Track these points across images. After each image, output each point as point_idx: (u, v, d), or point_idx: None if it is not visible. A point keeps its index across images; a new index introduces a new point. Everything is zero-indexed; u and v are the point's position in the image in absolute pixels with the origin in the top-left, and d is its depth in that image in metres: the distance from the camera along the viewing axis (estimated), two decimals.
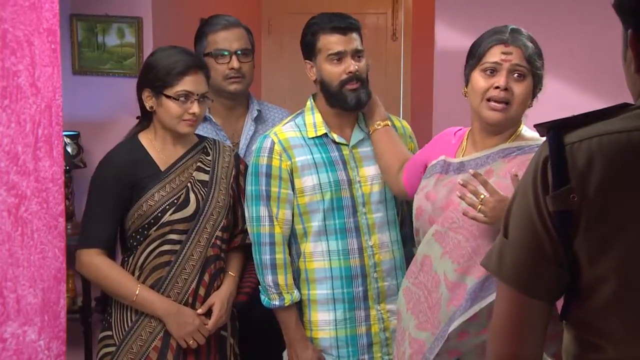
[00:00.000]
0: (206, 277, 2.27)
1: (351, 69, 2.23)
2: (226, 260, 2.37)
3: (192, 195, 2.26)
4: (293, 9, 5.11)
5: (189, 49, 2.34)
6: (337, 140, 2.32)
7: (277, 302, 2.28)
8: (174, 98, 2.19)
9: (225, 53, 2.59)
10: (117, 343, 2.22)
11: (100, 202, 2.23)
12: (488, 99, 1.95)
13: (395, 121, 2.45)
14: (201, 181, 2.30)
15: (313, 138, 2.32)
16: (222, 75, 2.59)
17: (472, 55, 2.00)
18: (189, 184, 2.27)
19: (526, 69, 1.94)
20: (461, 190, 1.87)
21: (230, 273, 2.36)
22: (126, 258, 2.27)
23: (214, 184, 2.31)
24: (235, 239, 2.41)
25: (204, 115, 2.30)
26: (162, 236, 2.23)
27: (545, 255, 1.18)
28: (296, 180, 2.28)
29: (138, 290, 2.19)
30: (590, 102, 3.07)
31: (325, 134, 2.32)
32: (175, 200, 2.23)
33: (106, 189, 2.23)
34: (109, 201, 2.22)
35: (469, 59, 2.01)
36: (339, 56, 2.24)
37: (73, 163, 3.13)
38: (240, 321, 2.43)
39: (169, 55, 2.23)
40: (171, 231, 2.23)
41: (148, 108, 2.25)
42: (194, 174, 2.29)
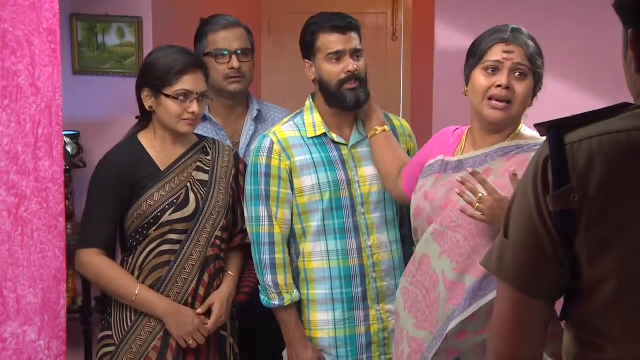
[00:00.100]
0: (206, 277, 2.27)
1: (350, 68, 2.23)
2: (226, 260, 2.37)
3: (192, 195, 2.26)
4: (293, 8, 5.11)
5: (188, 48, 2.34)
6: (337, 140, 2.32)
7: (277, 302, 2.28)
8: (173, 97, 2.19)
9: (225, 53, 2.59)
10: (117, 343, 2.22)
11: (99, 202, 2.23)
12: (489, 98, 1.94)
13: (394, 120, 2.45)
14: (201, 181, 2.30)
15: (312, 138, 2.31)
16: (222, 75, 2.59)
17: (473, 54, 1.99)
18: (189, 184, 2.27)
19: (527, 68, 1.94)
20: (460, 187, 1.86)
21: (230, 273, 2.36)
22: (126, 258, 2.27)
23: (213, 184, 2.31)
24: (234, 239, 2.41)
25: (203, 114, 2.30)
26: (162, 236, 2.23)
27: (546, 255, 1.18)
28: (295, 180, 2.28)
29: (138, 290, 2.19)
30: (590, 102, 3.07)
31: (325, 134, 2.32)
32: (175, 200, 2.23)
33: (106, 188, 2.23)
34: (108, 201, 2.22)
35: (470, 57, 2.01)
36: (338, 55, 2.24)
37: (73, 163, 3.13)
38: (239, 321, 2.43)
39: (168, 55, 2.23)
40: (171, 231, 2.23)
41: (147, 108, 2.25)
42: (193, 174, 2.29)
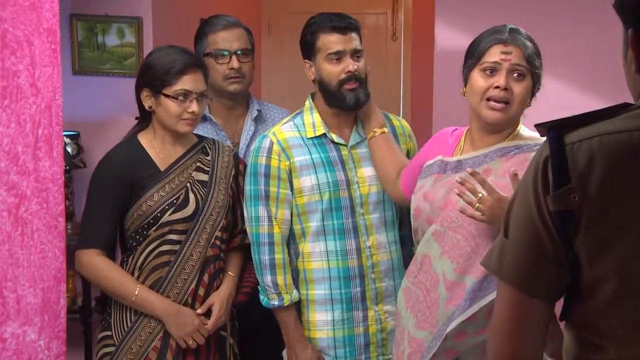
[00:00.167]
0: (205, 277, 2.27)
1: (350, 69, 2.23)
2: (225, 260, 2.37)
3: (192, 196, 2.26)
4: (293, 8, 5.12)
5: (187, 48, 2.34)
6: (336, 140, 2.32)
7: (276, 302, 2.28)
8: (173, 97, 2.19)
9: (225, 53, 2.59)
10: (117, 343, 2.22)
11: (99, 203, 2.23)
12: (488, 99, 1.94)
13: (394, 120, 2.45)
14: (200, 181, 2.30)
15: (312, 138, 2.31)
16: (222, 75, 2.58)
17: (471, 54, 1.99)
18: (189, 184, 2.27)
19: (526, 69, 1.94)
20: (459, 188, 1.86)
21: (230, 273, 2.36)
22: (125, 258, 2.27)
23: (213, 184, 2.31)
24: (234, 239, 2.41)
25: (202, 114, 2.30)
26: (162, 236, 2.22)
27: (546, 255, 1.18)
28: (295, 181, 2.28)
29: (137, 291, 2.19)
30: (590, 102, 3.07)
31: (324, 134, 2.32)
32: (175, 201, 2.23)
33: (105, 189, 2.23)
34: (108, 201, 2.22)
35: (468, 58, 2.01)
36: (338, 55, 2.24)
37: (73, 163, 3.13)
38: (239, 321, 2.42)
39: (167, 55, 2.23)
40: (170, 231, 2.23)
41: (147, 108, 2.25)
42: (193, 174, 2.29)
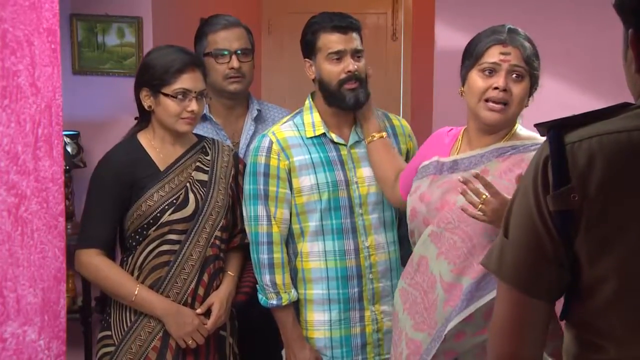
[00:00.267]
0: (205, 277, 2.27)
1: (350, 68, 2.23)
2: (225, 260, 2.37)
3: (191, 195, 2.26)
4: (293, 8, 5.11)
5: (186, 48, 2.34)
6: (336, 140, 2.32)
7: (275, 302, 2.28)
8: (172, 96, 2.19)
9: (225, 53, 2.59)
10: (116, 343, 2.22)
11: (99, 202, 2.23)
12: (486, 100, 1.94)
13: (394, 120, 2.45)
14: (200, 181, 2.30)
15: (311, 138, 2.31)
16: (222, 75, 2.58)
17: (469, 55, 1.98)
18: (188, 184, 2.27)
19: (524, 70, 1.93)
20: (461, 187, 1.85)
21: (230, 273, 2.36)
22: (125, 258, 2.27)
23: (213, 184, 2.31)
24: (234, 239, 2.41)
25: (202, 113, 2.30)
26: (161, 236, 2.22)
27: (546, 255, 1.18)
28: (294, 180, 2.28)
29: (137, 291, 2.19)
30: (589, 102, 3.07)
31: (324, 134, 2.32)
32: (175, 200, 2.23)
33: (105, 189, 2.23)
34: (108, 201, 2.22)
35: (466, 59, 2.00)
36: (338, 55, 2.24)
37: (73, 163, 3.13)
38: (239, 321, 2.43)
39: (166, 54, 2.23)
40: (170, 231, 2.23)
41: (146, 107, 2.25)
42: (193, 174, 2.29)
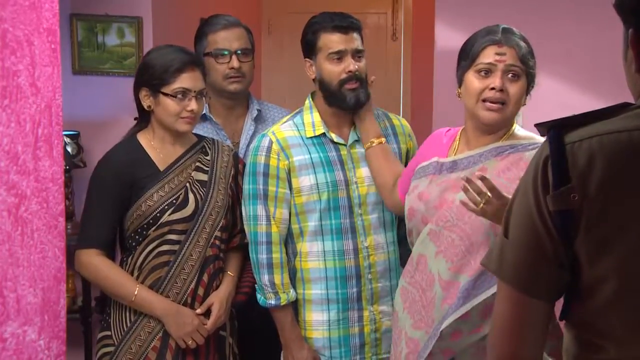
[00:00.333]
0: (205, 277, 2.27)
1: (351, 68, 2.23)
2: (225, 260, 2.37)
3: (191, 195, 2.26)
4: (293, 8, 5.11)
5: (185, 47, 2.34)
6: (335, 140, 2.32)
7: (273, 302, 2.28)
8: (172, 95, 2.19)
9: (225, 53, 2.59)
10: (116, 343, 2.22)
11: (99, 203, 2.23)
12: (484, 100, 1.94)
13: (394, 119, 2.45)
14: (200, 181, 2.29)
15: (311, 138, 2.31)
16: (222, 75, 2.58)
17: (465, 56, 1.99)
18: (188, 184, 2.27)
19: (520, 69, 1.94)
20: (463, 184, 1.84)
21: (229, 273, 2.36)
22: (125, 258, 2.27)
23: (212, 184, 2.31)
24: (234, 239, 2.40)
25: (201, 112, 2.30)
26: (161, 236, 2.22)
27: (546, 254, 1.18)
28: (293, 180, 2.28)
29: (137, 291, 2.19)
30: (589, 102, 3.07)
31: (324, 134, 2.32)
32: (174, 201, 2.23)
33: (105, 189, 2.23)
34: (107, 201, 2.22)
35: (461, 60, 2.01)
36: (339, 55, 2.24)
37: (73, 163, 3.13)
38: (239, 321, 2.42)
39: (165, 54, 2.23)
40: (170, 231, 2.22)
41: (146, 107, 2.25)
42: (192, 174, 2.29)
